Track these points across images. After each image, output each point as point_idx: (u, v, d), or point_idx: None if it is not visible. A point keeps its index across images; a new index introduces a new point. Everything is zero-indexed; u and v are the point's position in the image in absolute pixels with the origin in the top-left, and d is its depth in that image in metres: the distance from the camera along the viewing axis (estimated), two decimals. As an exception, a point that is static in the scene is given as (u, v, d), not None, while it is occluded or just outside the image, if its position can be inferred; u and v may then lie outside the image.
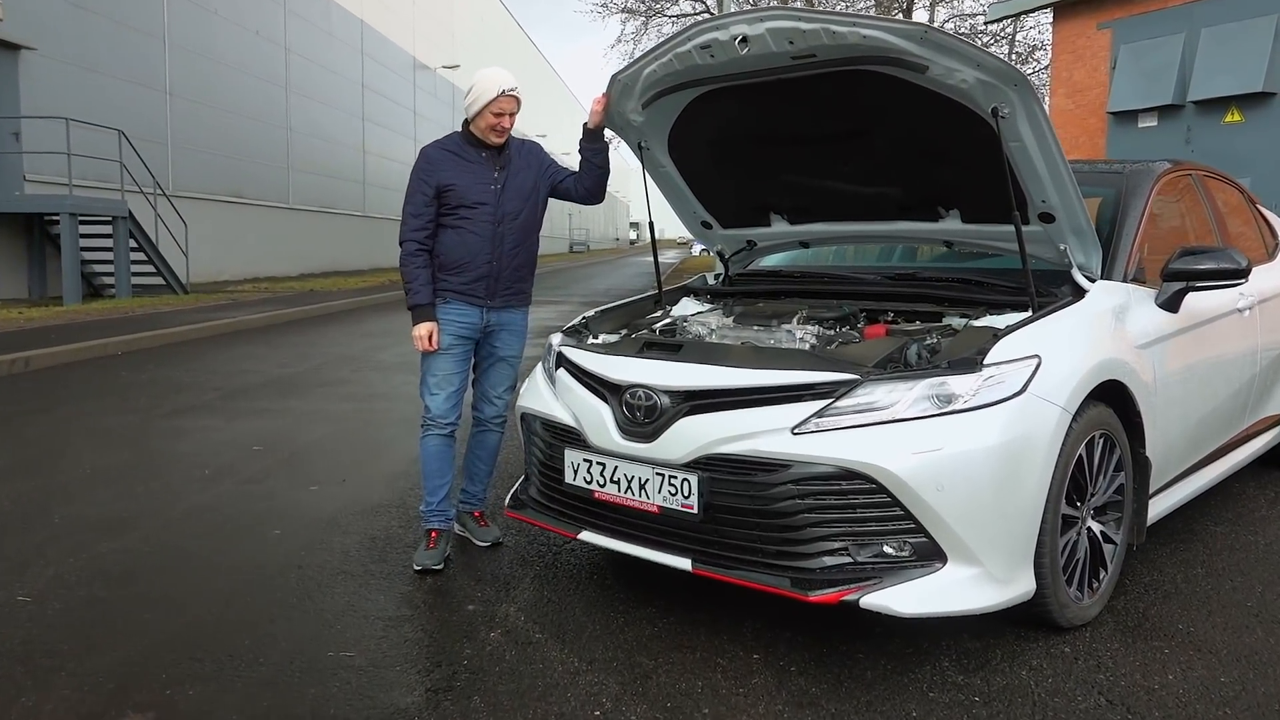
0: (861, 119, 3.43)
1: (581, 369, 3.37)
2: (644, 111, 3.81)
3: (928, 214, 3.66)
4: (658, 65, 3.54)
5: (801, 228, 4.10)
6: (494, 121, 3.75)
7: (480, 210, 3.79)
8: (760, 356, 3.10)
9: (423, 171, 3.82)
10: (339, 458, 5.69)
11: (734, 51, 3.28)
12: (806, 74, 3.29)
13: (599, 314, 4.02)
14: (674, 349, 3.30)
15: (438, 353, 3.84)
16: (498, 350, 4.00)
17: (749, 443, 2.84)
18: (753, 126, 3.73)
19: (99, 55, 17.61)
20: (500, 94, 3.70)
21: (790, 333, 3.50)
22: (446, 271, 3.83)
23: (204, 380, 8.59)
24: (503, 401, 4.08)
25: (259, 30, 24.01)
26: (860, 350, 3.11)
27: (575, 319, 3.99)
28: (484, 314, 3.89)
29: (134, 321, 12.33)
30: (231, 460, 5.59)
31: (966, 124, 3.15)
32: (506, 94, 3.71)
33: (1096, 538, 3.19)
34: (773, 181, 3.94)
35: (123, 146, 16.39)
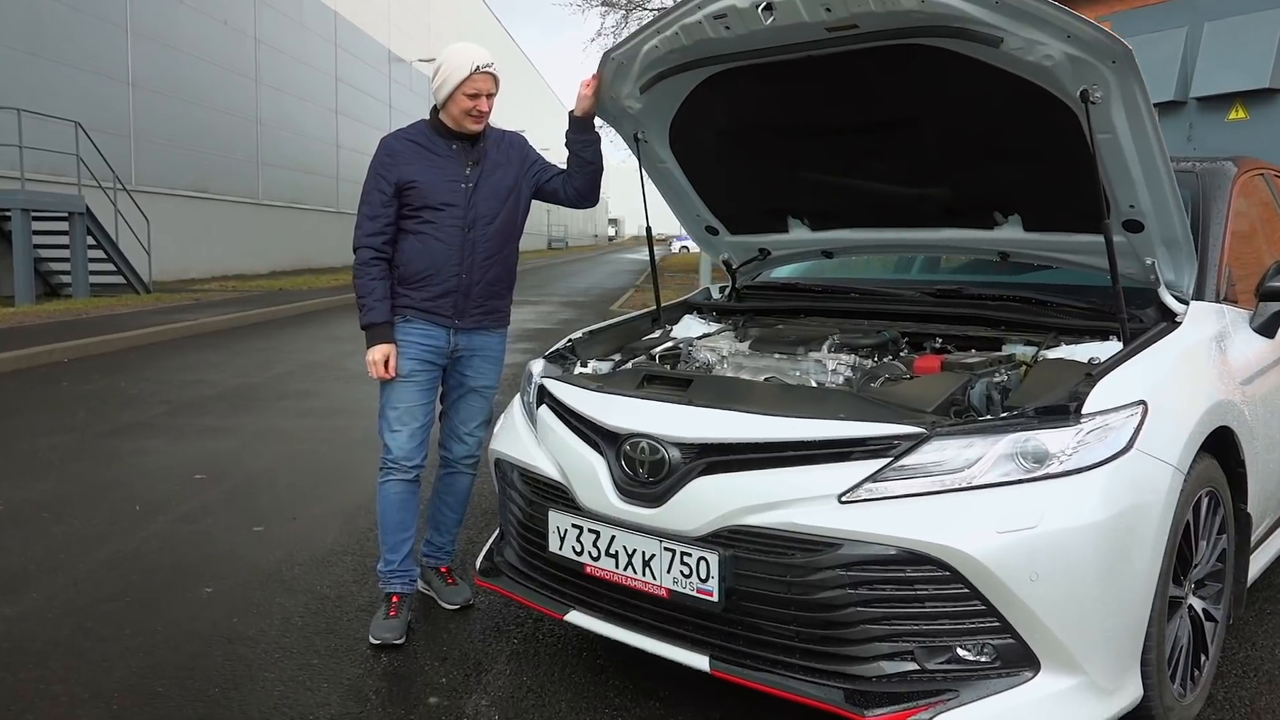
0: (908, 105, 2.83)
1: (568, 409, 2.76)
2: (642, 96, 3.19)
3: (981, 220, 3.07)
4: (660, 40, 2.93)
5: (825, 235, 3.50)
6: (468, 105, 3.14)
7: (447, 213, 3.19)
8: (792, 399, 2.50)
9: (381, 166, 3.22)
10: (291, 489, 5.04)
11: (755, 22, 2.68)
12: (843, 50, 2.69)
13: (588, 335, 3.41)
14: (681, 384, 2.69)
15: (397, 381, 3.22)
16: (468, 380, 3.38)
17: (783, 513, 2.24)
18: (772, 115, 3.13)
19: (54, 43, 16.76)
20: (474, 71, 3.11)
21: (821, 363, 2.90)
22: (407, 285, 3.23)
23: (153, 392, 7.91)
24: (475, 439, 3.46)
25: (227, 20, 23.17)
26: (913, 390, 2.51)
27: (560, 342, 3.38)
28: (451, 336, 3.28)
29: (86, 325, 11.59)
30: (168, 492, 4.93)
31: (1042, 110, 2.57)
32: (482, 70, 3.12)
33: (1198, 616, 2.62)
34: (793, 180, 3.33)
35: (80, 138, 15.58)
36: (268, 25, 25.23)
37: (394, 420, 3.25)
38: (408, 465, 3.25)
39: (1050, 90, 2.50)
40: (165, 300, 15.37)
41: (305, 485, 5.11)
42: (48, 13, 16.64)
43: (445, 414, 3.44)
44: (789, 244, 3.63)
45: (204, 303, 15.14)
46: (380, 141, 3.28)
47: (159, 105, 20.29)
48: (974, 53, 2.50)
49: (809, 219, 3.48)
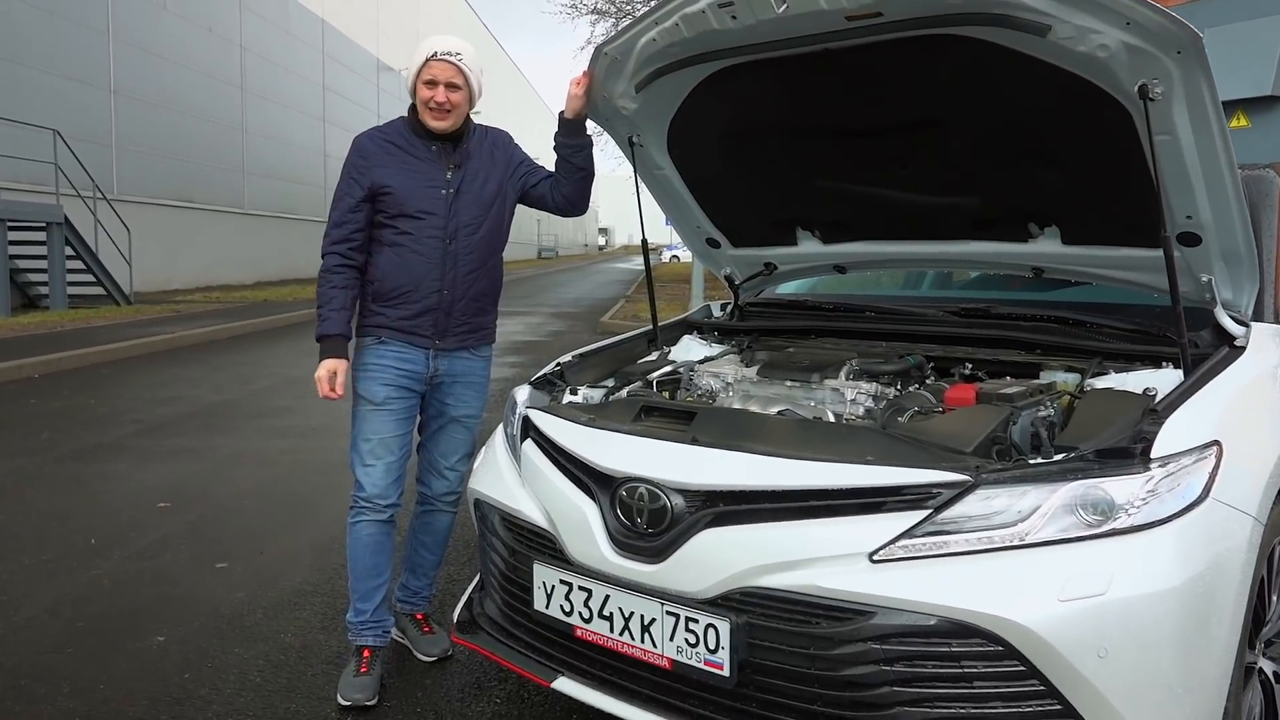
0: (936, 104, 2.54)
1: (556, 445, 2.44)
2: (638, 96, 2.89)
3: (1014, 232, 2.77)
4: (658, 33, 2.63)
5: (838, 248, 3.19)
6: (426, 95, 2.86)
7: (427, 222, 2.88)
8: (810, 437, 2.19)
9: (353, 168, 2.92)
10: (260, 518, 4.71)
11: (766, 10, 2.38)
12: (866, 42, 2.40)
13: (578, 359, 3.09)
14: (683, 418, 2.38)
15: (370, 410, 2.90)
16: (449, 409, 3.06)
17: (805, 574, 1.93)
18: (782, 115, 2.83)
19: (32, 49, 16.39)
20: (431, 57, 2.84)
21: (838, 393, 2.59)
22: (383, 301, 2.92)
23: (123, 410, 7.55)
24: (457, 474, 3.13)
25: (212, 28, 22.82)
26: (947, 427, 2.20)
27: (548, 366, 3.06)
28: (430, 359, 2.97)
29: (60, 338, 11.22)
30: (128, 523, 4.60)
31: (1091, 109, 2.27)
32: (440, 57, 2.84)
33: (1269, 680, 2.31)
34: (804, 189, 3.03)
35: (58, 147, 15.22)
36: (253, 32, 24.89)
37: (367, 453, 2.92)
38: (382, 504, 2.92)
39: (1101, 86, 2.20)
40: (145, 312, 15.00)
41: (276, 514, 4.78)
42: (25, 18, 16.26)
43: (423, 446, 3.12)
44: (798, 258, 3.33)
45: (185, 315, 14.77)
46: (354, 140, 2.97)
47: (142, 113, 19.92)
48: (1015, 43, 2.21)
49: (820, 231, 3.18)
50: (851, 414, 2.57)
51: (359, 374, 2.93)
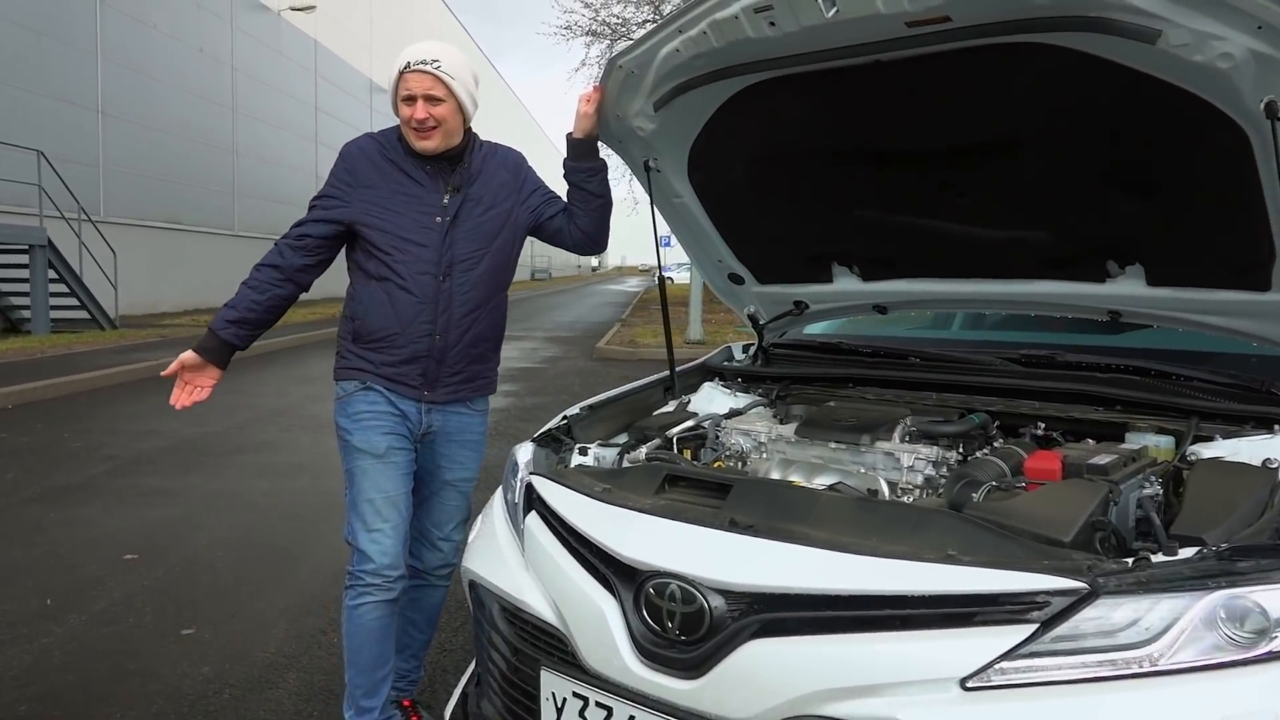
0: (1008, 124, 2.19)
1: (567, 524, 2.07)
2: (656, 115, 2.55)
3: (1090, 271, 2.42)
4: (682, 43, 2.29)
5: (879, 286, 2.84)
6: (405, 113, 2.49)
7: (416, 255, 2.51)
8: (873, 521, 1.82)
9: (338, 181, 2.58)
10: (234, 573, 4.31)
11: (812, 14, 2.04)
12: (927, 51, 2.05)
13: (586, 411, 2.72)
14: (715, 490, 2.02)
15: (373, 463, 2.51)
16: (442, 471, 2.67)
17: (882, 703, 1.56)
18: (822, 136, 2.48)
19: (16, 68, 16.04)
20: (405, 69, 2.47)
21: (893, 457, 2.23)
22: (365, 344, 2.56)
23: (98, 445, 7.16)
24: (451, 545, 2.75)
25: (203, 48, 22.53)
26: (1036, 508, 1.84)
27: (553, 420, 2.70)
28: (422, 412, 2.58)
29: (39, 365, 10.82)
30: (89, 580, 4.20)
31: (1197, 129, 1.93)
32: (414, 68, 2.46)
33: None
34: (843, 219, 2.68)
35: (42, 168, 14.85)
36: (245, 53, 24.61)
37: (371, 516, 2.50)
38: (392, 576, 2.51)
39: (1215, 103, 1.86)
40: (130, 337, 14.60)
41: (251, 568, 4.39)
42: (10, 38, 15.93)
43: (413, 514, 2.69)
44: (833, 296, 2.97)
45: (170, 340, 14.36)
46: (344, 148, 2.62)
47: (130, 134, 19.57)
48: (1113, 53, 1.86)
49: (860, 267, 2.82)
50: (909, 483, 2.20)
51: (352, 424, 2.54)
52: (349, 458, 2.56)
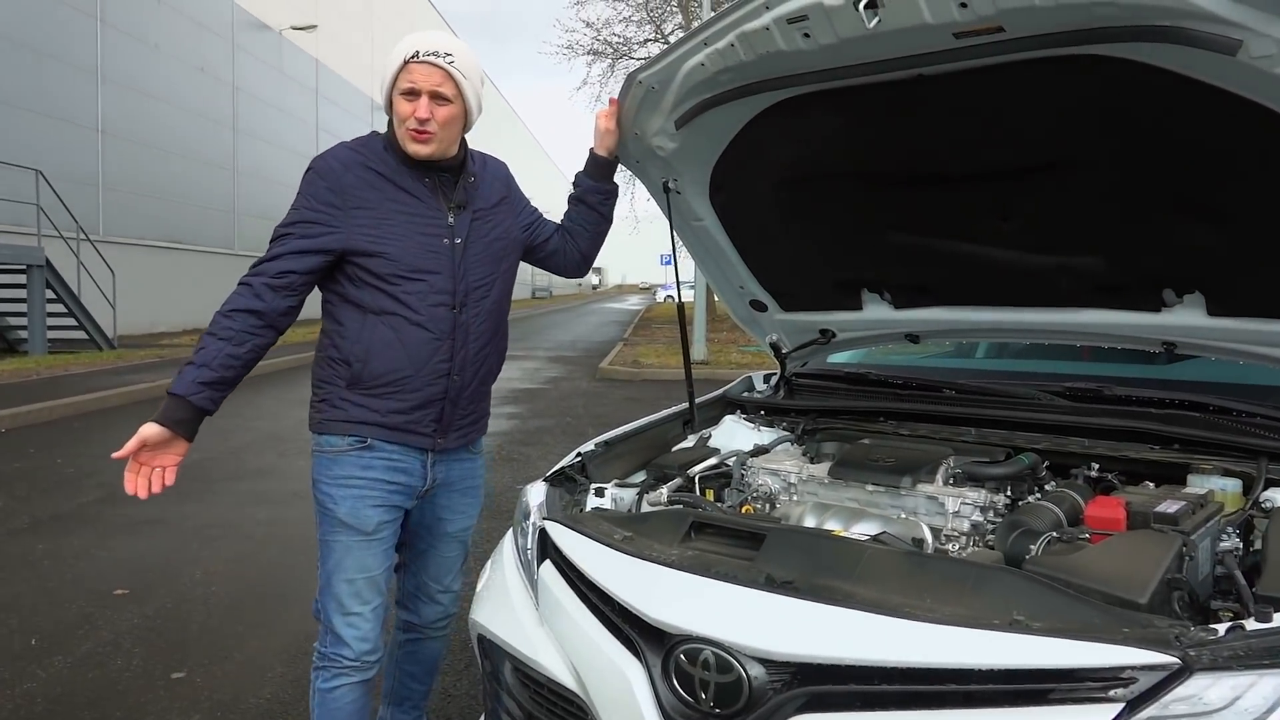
0: (1061, 143, 2.03)
1: (585, 578, 1.90)
2: (678, 133, 2.40)
3: (1144, 299, 2.26)
4: (708, 56, 2.14)
5: (913, 314, 2.68)
6: (404, 110, 2.16)
7: (429, 284, 2.19)
8: (926, 579, 1.65)
9: (317, 202, 2.16)
10: (228, 611, 4.13)
11: (851, 26, 1.88)
12: (975, 65, 1.90)
13: (601, 448, 2.56)
14: (748, 540, 1.85)
15: (356, 540, 2.21)
16: (444, 523, 2.44)
17: (947, 793, 1.39)
18: (855, 156, 2.33)
19: (15, 88, 15.95)
20: (412, 58, 2.14)
21: (936, 502, 2.06)
22: (366, 390, 2.20)
23: (91, 471, 6.98)
24: (452, 595, 2.55)
25: (204, 67, 22.50)
26: (1105, 563, 1.67)
27: (569, 456, 2.53)
28: (428, 465, 2.31)
29: (34, 388, 10.65)
30: (77, 617, 4.02)
31: (1274, 147, 1.77)
32: (423, 59, 2.14)
33: None
34: (875, 243, 2.53)
35: (41, 187, 14.73)
36: (246, 72, 24.58)
37: (350, 599, 2.22)
38: (370, 660, 2.27)
39: (1297, 119, 1.70)
40: (127, 357, 14.44)
41: (246, 605, 4.20)
42: (11, 59, 15.86)
43: (407, 567, 2.51)
44: (862, 324, 2.81)
45: (168, 360, 14.19)
46: (314, 164, 2.22)
47: (130, 153, 19.49)
48: (1185, 65, 1.71)
49: (892, 294, 2.67)
50: (954, 530, 2.04)
51: (338, 490, 2.22)
52: (329, 528, 2.25)
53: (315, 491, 2.26)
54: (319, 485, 2.25)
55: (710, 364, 14.39)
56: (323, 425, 2.24)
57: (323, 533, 2.26)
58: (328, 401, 2.24)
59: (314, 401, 2.28)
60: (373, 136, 2.27)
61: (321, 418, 2.24)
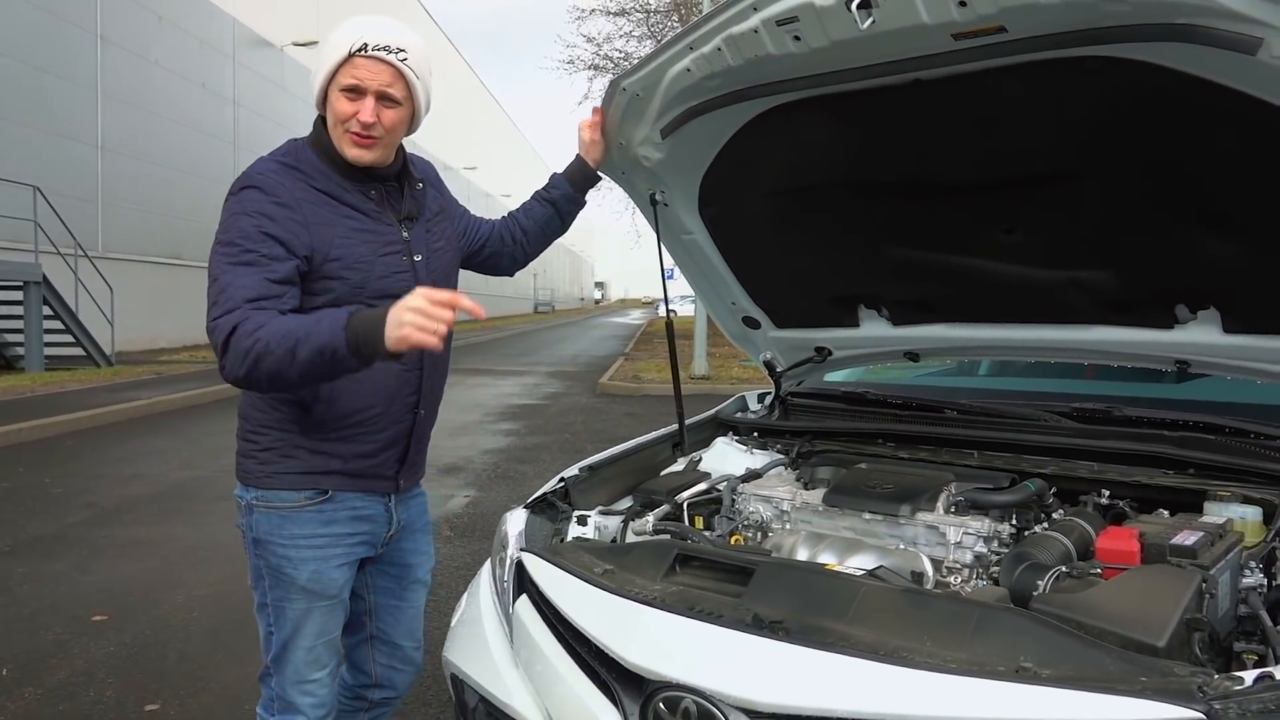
0: (1068, 150, 1.92)
1: (563, 617, 1.78)
2: (664, 143, 2.29)
3: (1155, 316, 2.14)
4: (694, 61, 2.03)
5: (912, 331, 2.56)
6: (345, 110, 1.86)
7: None
8: (930, 620, 1.53)
9: (270, 220, 1.82)
10: (207, 638, 4.00)
11: (844, 28, 1.77)
12: (976, 68, 1.79)
13: (586, 473, 2.43)
14: (735, 575, 1.73)
15: (322, 606, 1.99)
16: (414, 568, 2.22)
17: None
18: (850, 165, 2.22)
19: (14, 104, 15.91)
20: (359, 52, 1.84)
21: (937, 531, 1.94)
22: (326, 436, 1.94)
23: (79, 491, 6.86)
24: (420, 653, 2.31)
25: (205, 83, 22.49)
26: (1119, 601, 1.54)
27: (552, 481, 2.41)
28: (392, 509, 2.09)
29: (28, 405, 10.55)
30: (52, 644, 3.90)
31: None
32: (371, 53, 1.84)
33: None
34: (872, 258, 2.41)
35: (39, 203, 14.67)
36: (247, 88, 24.57)
37: (306, 665, 2.00)
38: None
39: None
40: (125, 374, 14.34)
41: (226, 631, 4.07)
42: (10, 74, 15.83)
43: (375, 639, 2.21)
44: (859, 342, 2.70)
45: (165, 377, 14.11)
46: (249, 179, 1.87)
47: (130, 169, 19.46)
48: (1201, 67, 1.60)
49: (890, 310, 2.55)
50: (956, 561, 1.91)
51: (295, 553, 1.95)
52: (283, 594, 1.97)
53: (263, 554, 1.97)
54: (269, 547, 1.95)
55: (711, 379, 14.27)
56: (272, 480, 1.94)
57: (274, 598, 1.99)
58: (276, 451, 1.94)
59: (253, 451, 1.97)
60: (298, 146, 1.94)
61: (270, 471, 1.94)
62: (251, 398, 1.98)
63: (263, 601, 2.01)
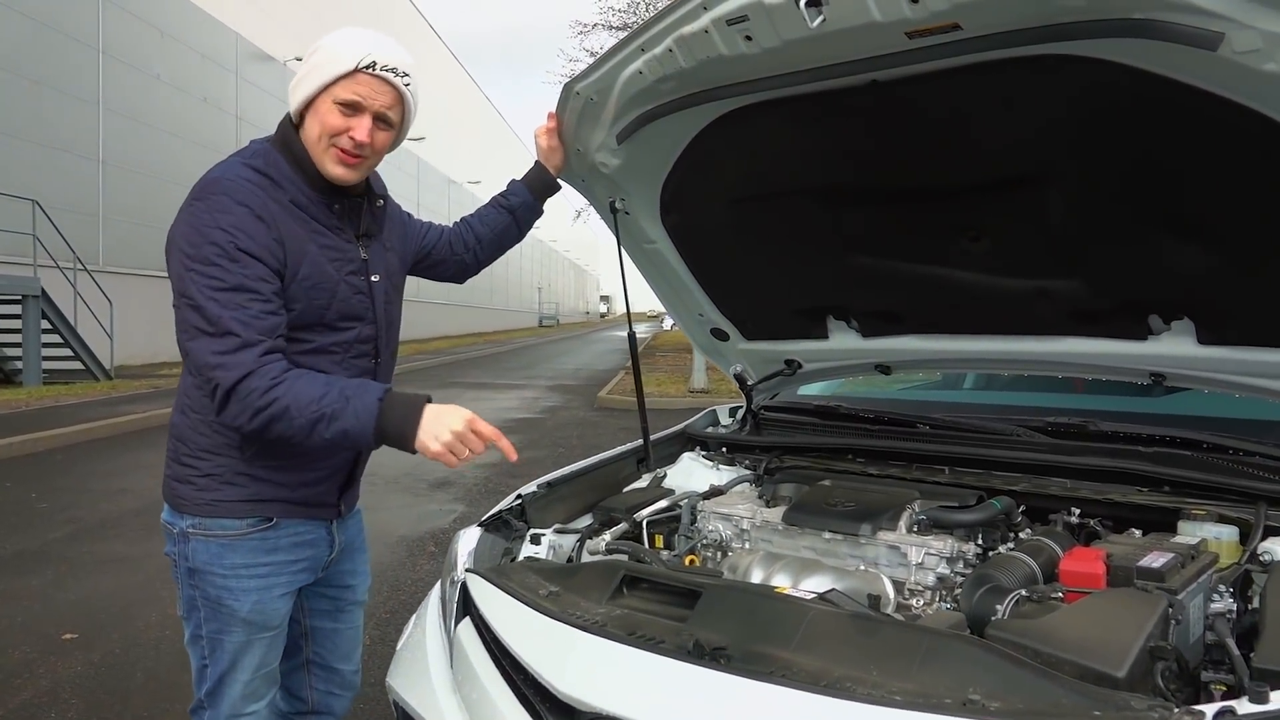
0: (1031, 154, 1.84)
1: (498, 641, 1.69)
2: (620, 148, 2.22)
3: (1127, 326, 2.06)
4: (646, 64, 1.96)
5: (881, 343, 2.48)
6: (336, 124, 1.78)
7: (355, 332, 1.88)
8: (878, 647, 1.44)
9: (245, 236, 1.69)
10: (177, 657, 3.90)
11: (794, 27, 1.70)
12: (933, 68, 1.72)
13: (544, 490, 2.35)
14: (681, 599, 1.65)
15: (264, 639, 1.91)
16: (352, 590, 2.14)
17: None
18: (812, 171, 2.14)
19: (13, 118, 15.94)
20: (367, 69, 1.77)
21: (898, 551, 1.86)
22: (269, 464, 1.84)
23: (64, 506, 6.79)
24: (358, 676, 2.23)
25: (207, 97, 22.56)
26: (1079, 627, 1.46)
27: (508, 498, 2.33)
28: (334, 533, 2.01)
29: (22, 419, 10.50)
30: (18, 664, 3.82)
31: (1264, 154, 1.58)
32: (380, 71, 1.78)
33: None
34: (838, 267, 2.33)
35: (38, 217, 14.67)
36: (249, 102, 24.64)
37: (242, 698, 1.91)
38: None
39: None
40: (122, 388, 14.31)
41: (199, 650, 3.99)
42: (10, 89, 15.86)
43: (312, 664, 2.14)
44: (828, 354, 2.61)
45: (162, 391, 14.05)
46: (218, 185, 1.73)
47: (131, 183, 19.49)
48: (1161, 64, 1.52)
49: (859, 321, 2.47)
50: (918, 583, 1.83)
51: (236, 583, 1.85)
52: (221, 626, 1.87)
53: (199, 584, 1.86)
54: (207, 578, 1.85)
55: (711, 393, 14.18)
56: (212, 507, 1.83)
57: (210, 630, 1.88)
58: (217, 477, 1.83)
59: (190, 476, 1.84)
60: (267, 149, 1.83)
61: (210, 498, 1.83)
62: (192, 419, 1.85)
63: (196, 634, 1.91)
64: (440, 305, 38.77)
